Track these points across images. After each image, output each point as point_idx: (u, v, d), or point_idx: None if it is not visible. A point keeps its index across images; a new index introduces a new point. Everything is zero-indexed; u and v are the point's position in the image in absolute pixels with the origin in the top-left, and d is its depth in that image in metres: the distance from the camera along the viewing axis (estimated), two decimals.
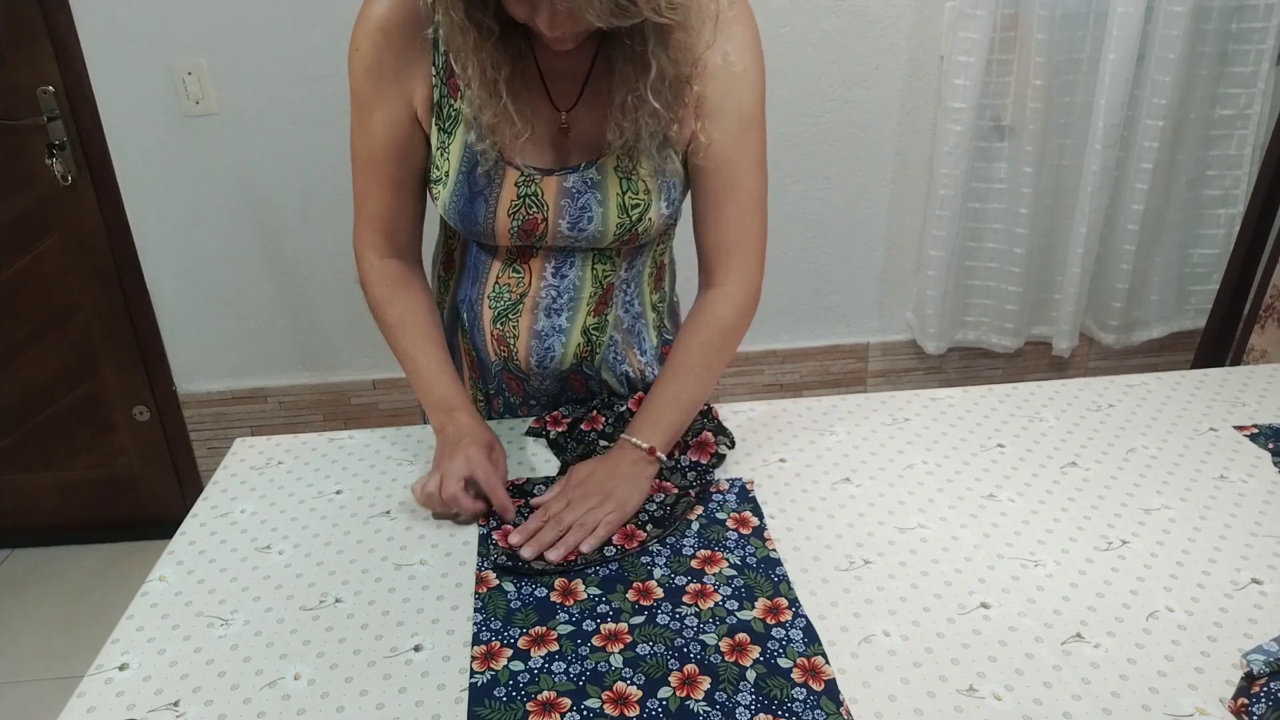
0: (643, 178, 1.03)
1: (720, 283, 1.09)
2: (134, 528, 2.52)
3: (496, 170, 1.02)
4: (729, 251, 1.07)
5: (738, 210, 1.06)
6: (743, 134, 1.03)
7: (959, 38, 2.09)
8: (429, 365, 1.08)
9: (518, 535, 0.96)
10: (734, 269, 1.08)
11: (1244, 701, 0.74)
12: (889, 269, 2.44)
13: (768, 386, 2.56)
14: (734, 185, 1.05)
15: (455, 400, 1.06)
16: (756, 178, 1.06)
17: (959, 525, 0.98)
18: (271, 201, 2.20)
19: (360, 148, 1.05)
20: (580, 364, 1.16)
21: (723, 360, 1.10)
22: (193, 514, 1.06)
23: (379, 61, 1.00)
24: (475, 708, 0.78)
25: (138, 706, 0.80)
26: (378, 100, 1.02)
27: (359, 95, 1.03)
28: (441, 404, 1.06)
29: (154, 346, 2.36)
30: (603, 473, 1.01)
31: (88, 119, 2.12)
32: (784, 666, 0.80)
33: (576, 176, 1.03)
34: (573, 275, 1.10)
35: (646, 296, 1.18)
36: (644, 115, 0.97)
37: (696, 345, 1.08)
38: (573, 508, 0.97)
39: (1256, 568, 0.90)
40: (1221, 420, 1.15)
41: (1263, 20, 2.13)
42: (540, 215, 1.04)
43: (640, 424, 1.05)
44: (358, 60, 1.01)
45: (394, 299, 1.10)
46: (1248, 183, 2.27)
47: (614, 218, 1.04)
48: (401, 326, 1.09)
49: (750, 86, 1.03)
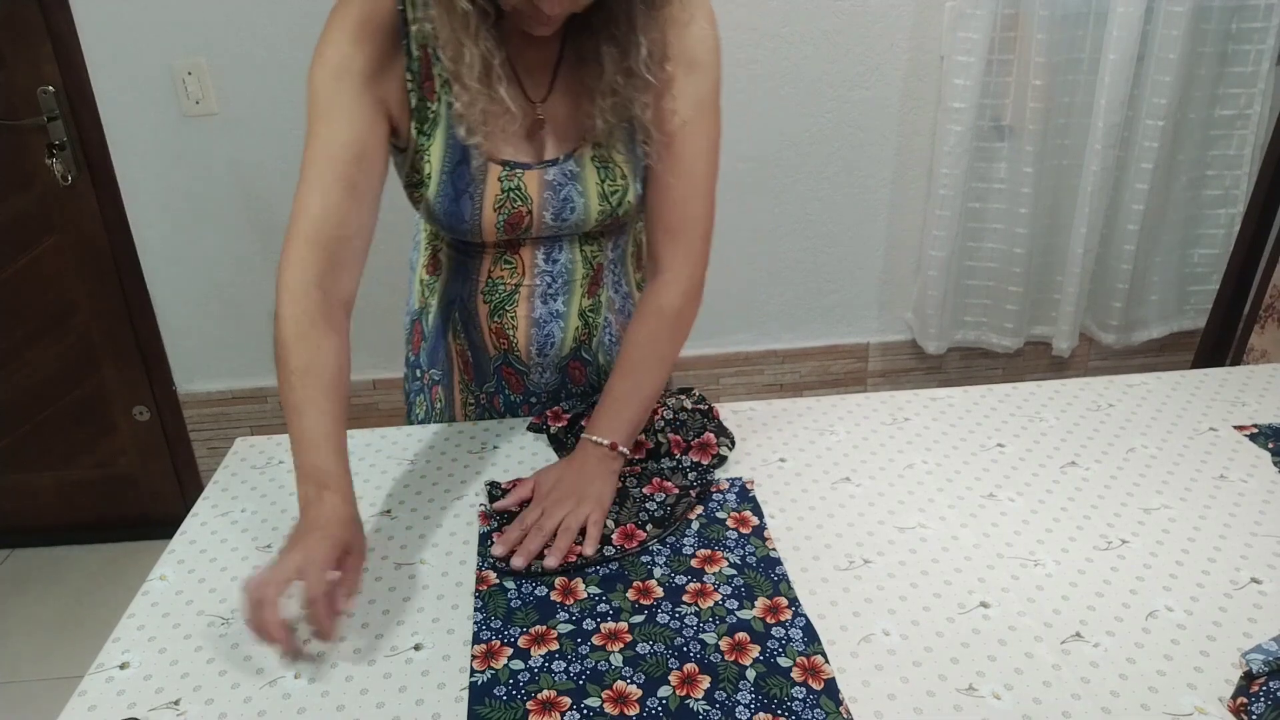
0: (618, 164, 1.05)
1: (665, 269, 1.08)
2: (134, 527, 2.52)
3: (480, 167, 1.02)
4: (674, 236, 1.07)
5: (684, 195, 1.06)
6: (699, 119, 1.04)
7: (959, 37, 2.09)
8: (316, 427, 0.90)
9: (500, 547, 0.95)
10: (679, 254, 1.08)
11: (1243, 701, 0.74)
12: (889, 269, 2.44)
13: (768, 386, 2.56)
14: (683, 169, 1.05)
15: (331, 476, 0.88)
16: (706, 164, 1.06)
17: (959, 525, 0.98)
18: (271, 201, 2.20)
19: (316, 152, 0.96)
20: (579, 348, 1.17)
21: (674, 348, 1.10)
22: (193, 513, 1.06)
23: (347, 67, 0.95)
24: (475, 706, 0.78)
25: (139, 705, 0.80)
26: (343, 103, 0.96)
27: (319, 101, 0.96)
28: (314, 475, 0.88)
29: (154, 346, 2.36)
30: (570, 476, 1.01)
31: (88, 119, 2.12)
32: (784, 666, 0.80)
33: (556, 170, 1.04)
34: (564, 259, 1.11)
35: (630, 275, 1.20)
36: (634, 93, 0.98)
37: (646, 337, 1.08)
38: (550, 514, 0.97)
39: (1256, 567, 0.91)
40: (1221, 420, 1.15)
41: (1263, 20, 2.13)
42: (525, 208, 1.04)
43: (599, 421, 1.05)
44: (321, 67, 0.96)
45: (305, 340, 0.93)
46: (1248, 183, 2.27)
47: (595, 205, 1.06)
48: (303, 375, 0.92)
49: (709, 73, 1.04)
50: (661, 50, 0.96)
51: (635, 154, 1.06)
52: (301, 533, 0.85)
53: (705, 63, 1.03)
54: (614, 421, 1.04)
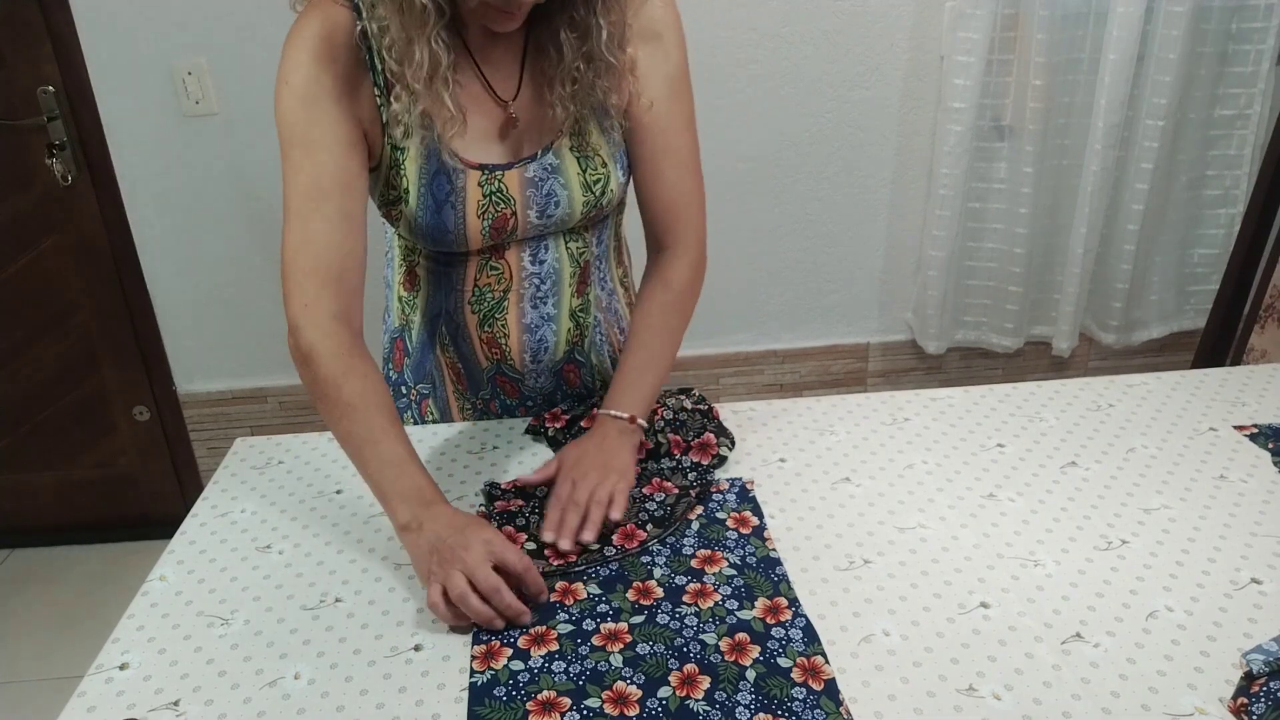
0: (598, 152, 1.05)
1: (671, 244, 1.11)
2: (134, 528, 2.52)
3: (457, 175, 1.01)
4: (674, 213, 1.10)
5: (676, 173, 1.08)
6: (673, 97, 1.06)
7: (959, 37, 2.09)
8: (397, 450, 0.92)
9: (549, 531, 0.95)
10: (681, 229, 1.10)
11: (1243, 701, 0.74)
12: (889, 269, 2.44)
13: (768, 386, 2.56)
14: (669, 147, 1.07)
15: (432, 492, 0.91)
16: (689, 139, 1.08)
17: (959, 525, 0.98)
18: (271, 201, 2.20)
19: (302, 184, 0.95)
20: (572, 351, 1.17)
21: (683, 320, 1.12)
22: (193, 514, 1.06)
23: (314, 90, 0.93)
24: (475, 707, 0.78)
25: (138, 706, 0.80)
26: (318, 130, 0.94)
27: (294, 130, 0.95)
28: (414, 495, 0.90)
29: (154, 346, 2.36)
30: (593, 449, 1.02)
31: (88, 119, 2.12)
32: (784, 666, 0.80)
33: (536, 165, 1.03)
34: (550, 259, 1.10)
35: (614, 272, 1.20)
36: (595, 78, 0.98)
37: (657, 309, 1.10)
38: (580, 486, 0.97)
39: (1256, 567, 0.90)
40: (1221, 420, 1.15)
41: (1263, 20, 2.13)
42: (509, 210, 1.03)
43: (616, 395, 1.06)
44: (288, 94, 0.94)
45: (353, 372, 0.93)
46: (1248, 183, 2.27)
47: (579, 197, 1.06)
48: (362, 405, 0.92)
49: (675, 49, 1.05)
50: (621, 32, 0.96)
51: (611, 140, 1.05)
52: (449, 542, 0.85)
53: (667, 39, 1.04)
54: (631, 395, 1.05)
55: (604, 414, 1.05)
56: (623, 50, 0.97)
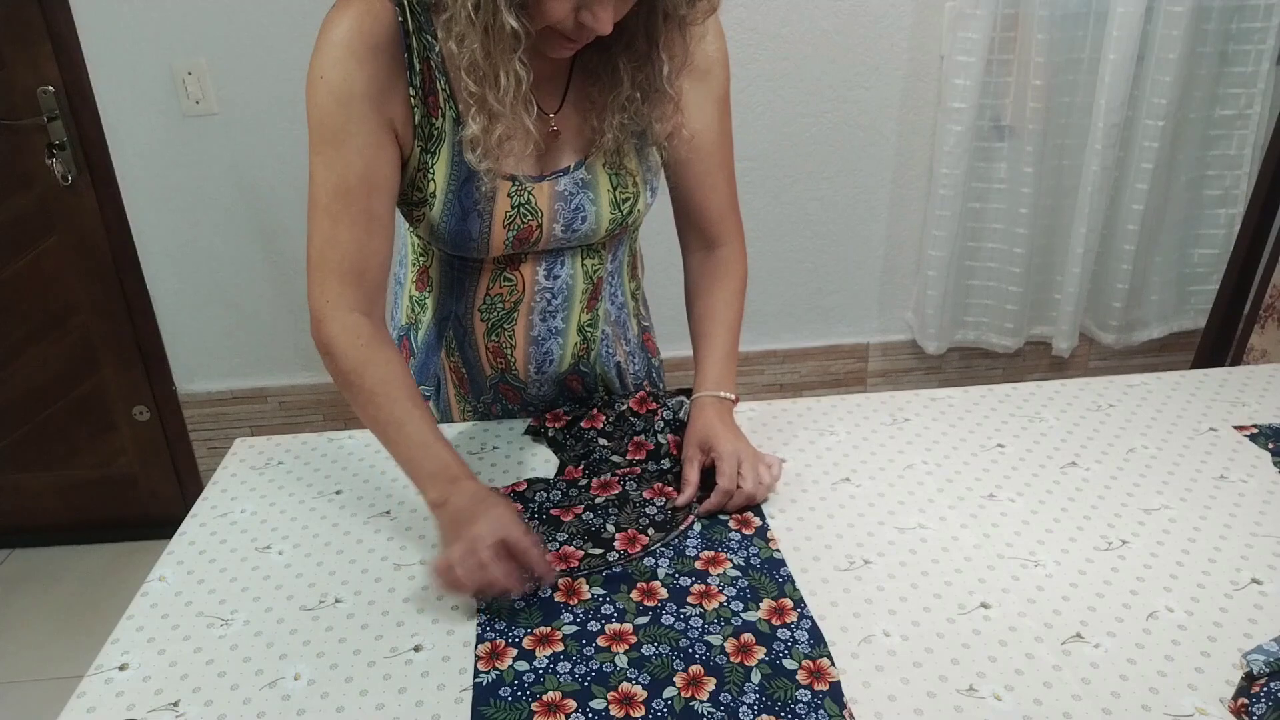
0: (630, 170, 1.05)
1: (726, 243, 1.16)
2: (134, 528, 2.52)
3: (489, 184, 0.99)
4: (725, 217, 1.15)
5: (726, 183, 1.14)
6: (721, 117, 1.10)
7: (959, 38, 2.09)
8: (422, 432, 0.95)
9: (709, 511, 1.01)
10: (732, 229, 1.16)
11: (1244, 702, 0.74)
12: (889, 269, 2.44)
13: (768, 386, 2.56)
14: (723, 162, 1.12)
15: (458, 468, 0.94)
16: (731, 151, 1.14)
17: (959, 525, 0.98)
18: (271, 201, 2.20)
19: (331, 182, 0.95)
20: (577, 364, 1.16)
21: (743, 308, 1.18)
22: (193, 514, 1.06)
23: (350, 88, 0.91)
24: (480, 707, 0.78)
25: (138, 707, 0.80)
26: (353, 129, 0.93)
27: (328, 126, 0.93)
28: (443, 473, 0.93)
29: (154, 346, 2.35)
30: (731, 429, 1.06)
31: (88, 119, 2.11)
32: (789, 668, 0.80)
33: (568, 179, 1.03)
34: (565, 275, 1.10)
35: (626, 285, 1.20)
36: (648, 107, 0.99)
37: (732, 296, 1.15)
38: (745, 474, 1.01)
39: (1256, 568, 0.91)
40: (1221, 420, 1.15)
41: (1263, 20, 2.13)
42: (535, 222, 1.03)
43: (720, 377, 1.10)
44: (323, 89, 0.92)
45: (373, 361, 0.96)
46: (1248, 183, 2.27)
47: (606, 213, 1.05)
48: (385, 392, 0.95)
49: (723, 71, 1.08)
50: (682, 65, 0.97)
51: (646, 163, 1.06)
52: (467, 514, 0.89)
53: (716, 73, 1.07)
54: (728, 376, 1.11)
55: (711, 395, 1.08)
56: (678, 81, 0.98)
